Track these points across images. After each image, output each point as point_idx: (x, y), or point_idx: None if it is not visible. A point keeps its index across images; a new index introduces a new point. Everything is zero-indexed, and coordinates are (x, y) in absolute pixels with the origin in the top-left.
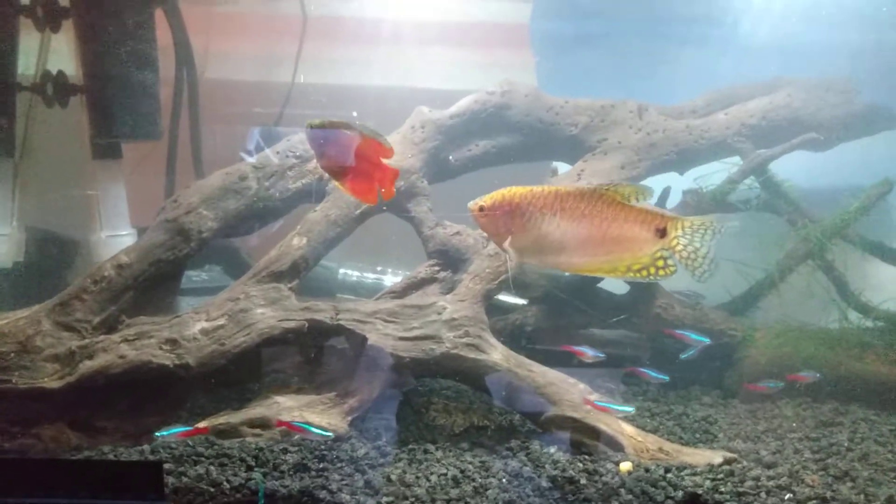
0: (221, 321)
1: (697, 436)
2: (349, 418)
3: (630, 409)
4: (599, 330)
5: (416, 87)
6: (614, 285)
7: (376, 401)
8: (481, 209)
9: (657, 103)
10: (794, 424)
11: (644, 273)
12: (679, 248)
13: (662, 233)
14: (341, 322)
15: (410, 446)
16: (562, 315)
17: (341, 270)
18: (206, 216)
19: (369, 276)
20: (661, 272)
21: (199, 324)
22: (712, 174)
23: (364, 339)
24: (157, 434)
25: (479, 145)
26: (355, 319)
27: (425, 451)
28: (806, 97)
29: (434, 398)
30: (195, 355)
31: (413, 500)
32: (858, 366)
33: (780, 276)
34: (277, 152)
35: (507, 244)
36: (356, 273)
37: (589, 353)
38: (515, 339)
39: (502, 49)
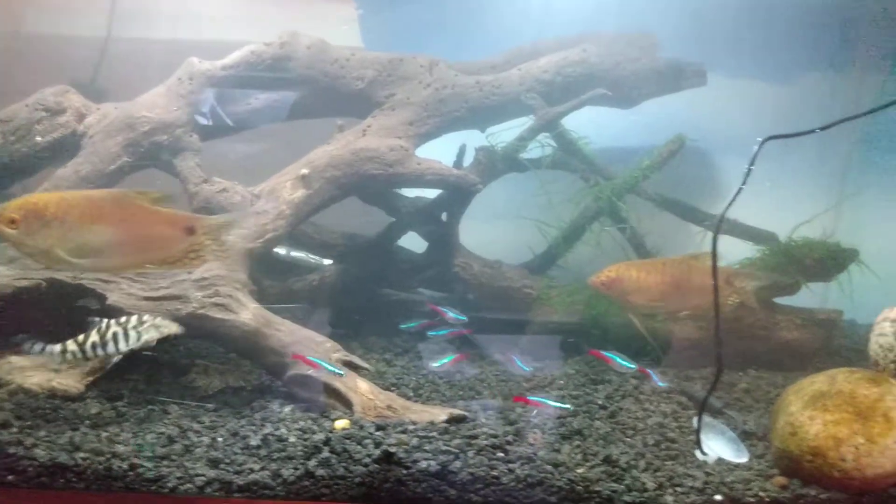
0: None
1: (461, 393)
2: (90, 379)
3: (339, 371)
4: (398, 291)
5: (229, 41)
6: (413, 243)
7: (127, 362)
8: (12, 222)
9: (478, 59)
10: (563, 382)
11: (178, 264)
12: (207, 242)
13: (190, 231)
14: (82, 282)
15: (151, 407)
16: (361, 274)
17: None
18: None
19: None
20: (193, 262)
21: None
22: (505, 131)
23: (104, 298)
24: None
25: (259, 99)
26: (99, 279)
27: (164, 412)
28: (603, 52)
29: (198, 359)
30: None
31: (110, 456)
32: (649, 323)
33: (573, 235)
34: (27, 105)
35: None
36: None
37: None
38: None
39: (325, 2)
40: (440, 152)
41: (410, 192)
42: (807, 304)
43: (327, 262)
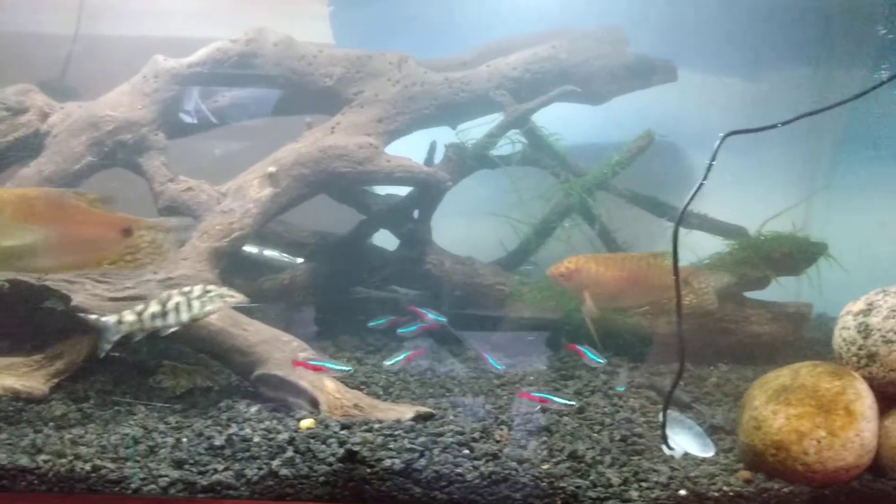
0: None
1: (431, 390)
2: (55, 380)
3: (346, 368)
4: (369, 289)
5: (203, 38)
6: (385, 241)
7: (91, 362)
8: None
9: (449, 56)
10: (533, 378)
11: (114, 266)
12: (143, 244)
13: (128, 232)
14: (47, 283)
15: (117, 408)
16: (332, 273)
17: None
18: None
19: None
20: (130, 264)
21: None
22: (476, 128)
23: (68, 299)
24: None
25: (226, 97)
26: (63, 280)
27: (130, 413)
28: (572, 49)
29: (166, 360)
30: None
31: (73, 458)
32: (621, 319)
33: (544, 231)
34: None
35: None
36: None
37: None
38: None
39: None
40: (412, 150)
41: (382, 190)
42: (781, 299)
43: (300, 261)
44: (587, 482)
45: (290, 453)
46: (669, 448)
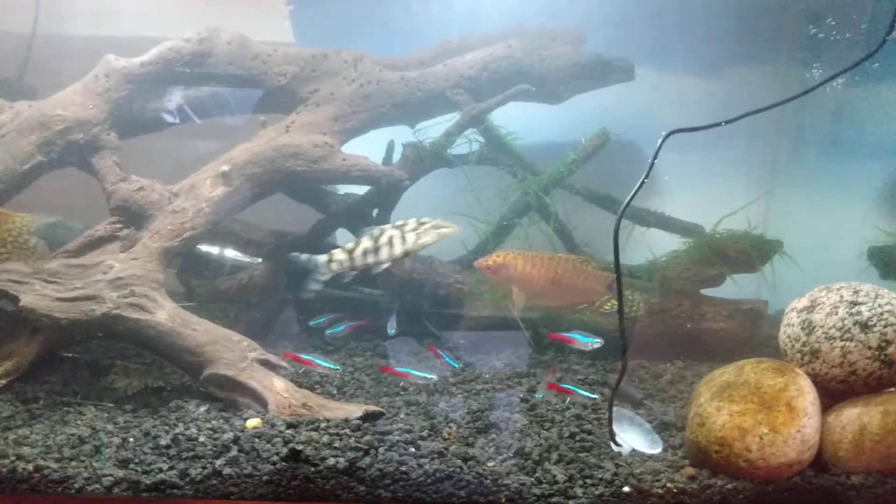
0: None
1: (385, 389)
2: (2, 381)
3: (336, 367)
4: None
5: (155, 38)
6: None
7: (42, 363)
8: None
9: (408, 55)
10: (488, 376)
11: None
12: (9, 239)
13: None
14: None
15: (67, 409)
16: (291, 272)
17: None
18: None
19: None
20: None
21: None
22: (434, 126)
23: (17, 299)
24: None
25: (179, 96)
26: (11, 280)
27: (80, 413)
28: (528, 48)
29: (118, 360)
30: None
31: (15, 459)
32: (577, 317)
33: (502, 230)
34: None
35: None
36: None
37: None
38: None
39: None
40: (371, 149)
41: (343, 189)
42: (740, 296)
43: (260, 261)
44: (532, 479)
45: (234, 452)
46: (617, 445)
